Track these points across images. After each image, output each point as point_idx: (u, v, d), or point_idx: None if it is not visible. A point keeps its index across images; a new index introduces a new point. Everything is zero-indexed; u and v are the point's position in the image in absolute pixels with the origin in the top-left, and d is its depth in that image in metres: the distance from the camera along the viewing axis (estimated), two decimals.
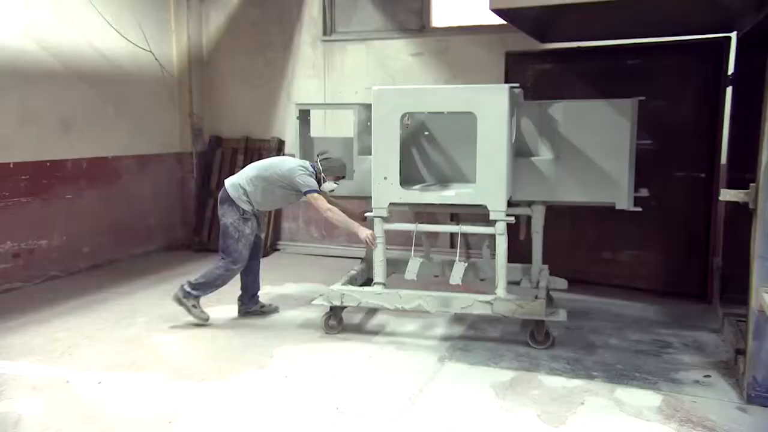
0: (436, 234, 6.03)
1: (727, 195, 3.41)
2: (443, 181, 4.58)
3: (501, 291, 4.04)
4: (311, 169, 4.48)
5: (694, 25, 4.50)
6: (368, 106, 4.35)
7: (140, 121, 6.81)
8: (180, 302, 4.55)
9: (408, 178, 4.36)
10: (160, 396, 3.46)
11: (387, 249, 4.33)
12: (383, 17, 6.73)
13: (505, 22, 4.51)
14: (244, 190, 4.49)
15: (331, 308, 4.40)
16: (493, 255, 4.20)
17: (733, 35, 4.63)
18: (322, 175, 4.48)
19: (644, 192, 4.31)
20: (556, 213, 5.37)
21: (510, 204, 4.07)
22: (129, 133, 6.68)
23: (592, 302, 5.09)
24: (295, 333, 4.46)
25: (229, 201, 4.50)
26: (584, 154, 4.19)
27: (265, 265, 6.54)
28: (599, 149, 4.15)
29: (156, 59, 6.91)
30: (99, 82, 6.26)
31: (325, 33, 6.92)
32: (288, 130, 7.20)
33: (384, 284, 4.31)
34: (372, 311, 4.79)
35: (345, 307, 4.40)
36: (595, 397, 3.41)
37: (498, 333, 4.43)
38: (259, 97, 7.27)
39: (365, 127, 4.71)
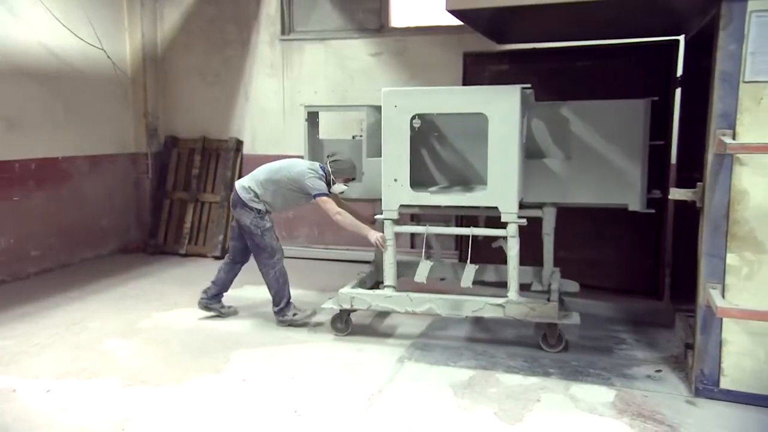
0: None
1: (676, 194, 3.50)
2: (453, 183, 4.57)
3: (513, 294, 4.01)
4: (321, 171, 4.45)
5: (644, 28, 4.62)
6: (379, 108, 4.31)
7: (92, 120, 6.64)
8: (284, 323, 4.59)
9: (417, 180, 4.28)
10: (112, 403, 3.38)
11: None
12: (342, 17, 6.71)
13: (462, 23, 4.57)
14: (255, 192, 4.47)
15: (340, 310, 4.36)
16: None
17: (681, 38, 4.77)
18: (332, 177, 4.44)
19: (657, 193, 4.33)
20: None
21: (520, 206, 4.02)
22: (80, 132, 6.50)
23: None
24: (254, 336, 4.41)
25: (241, 203, 4.49)
26: (596, 156, 4.16)
27: None
28: (612, 150, 4.12)
29: (108, 57, 6.75)
30: (48, 80, 6.08)
31: (283, 32, 6.87)
32: (246, 130, 7.12)
33: (394, 287, 4.27)
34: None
35: (354, 310, 4.36)
36: (551, 394, 3.47)
37: (457, 332, 4.47)
38: (216, 96, 7.17)
39: (375, 129, 4.68)
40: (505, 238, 4.02)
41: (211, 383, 3.63)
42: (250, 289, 5.62)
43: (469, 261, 4.19)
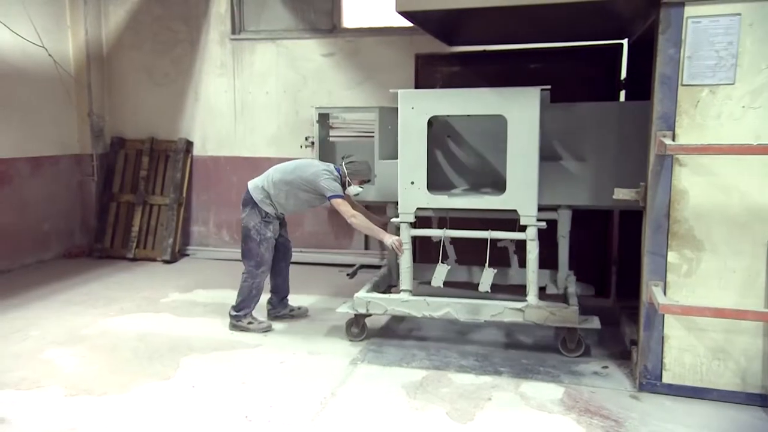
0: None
1: (620, 193, 3.60)
2: (470, 185, 4.57)
3: (532, 298, 3.98)
4: (336, 173, 4.37)
5: (591, 31, 4.74)
6: (393, 109, 4.27)
7: (33, 120, 6.42)
8: (237, 328, 4.53)
9: (432, 183, 4.20)
10: (53, 414, 3.27)
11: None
12: (293, 17, 6.67)
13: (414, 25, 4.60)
14: (268, 193, 4.39)
15: (355, 315, 4.31)
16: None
17: (625, 42, 4.92)
18: (348, 178, 4.37)
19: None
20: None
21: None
22: (21, 133, 6.28)
23: None
24: (206, 341, 4.34)
25: (252, 204, 4.41)
26: (612, 157, 4.14)
27: (174, 271, 6.41)
28: (627, 151, 4.08)
29: (50, 55, 6.54)
30: None
31: (233, 31, 6.78)
32: (196, 131, 7.01)
33: (411, 291, 4.23)
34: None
35: (369, 315, 4.30)
36: (502, 392, 3.52)
37: (410, 333, 4.49)
38: (165, 96, 7.03)
39: (387, 131, 4.63)
40: (512, 240, 4.01)
41: (159, 390, 3.55)
42: (201, 293, 5.54)
43: (487, 265, 4.12)
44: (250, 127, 6.86)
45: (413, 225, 4.19)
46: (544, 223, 3.96)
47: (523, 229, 4.00)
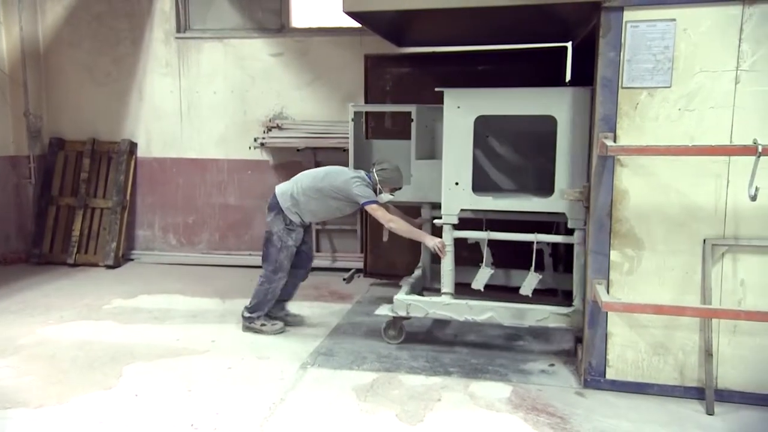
0: None
1: (565, 193, 3.71)
2: (507, 186, 4.54)
3: (579, 303, 3.91)
4: (367, 179, 4.27)
5: (536, 34, 4.85)
6: (430, 108, 4.15)
7: None
8: (249, 330, 4.52)
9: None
10: None
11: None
12: (241, 15, 6.60)
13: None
14: (296, 200, 4.28)
15: (393, 318, 4.24)
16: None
17: (569, 45, 5.05)
18: (378, 186, 4.25)
19: None
20: (417, 214, 5.57)
21: None
22: None
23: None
24: (149, 348, 4.24)
25: (277, 209, 4.32)
26: None
27: (117, 276, 6.25)
28: None
29: None
30: None
31: (178, 30, 6.66)
32: (140, 131, 6.85)
33: (452, 294, 4.15)
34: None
35: (408, 318, 4.23)
36: (451, 393, 3.56)
37: (361, 336, 4.50)
38: (107, 95, 6.84)
39: (423, 130, 4.55)
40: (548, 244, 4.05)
41: (100, 401, 3.45)
42: (145, 299, 5.42)
43: (533, 269, 4.03)
44: (197, 127, 6.75)
45: (455, 226, 4.10)
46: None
47: (569, 232, 3.98)
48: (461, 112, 3.97)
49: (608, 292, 3.43)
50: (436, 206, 4.44)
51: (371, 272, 5.93)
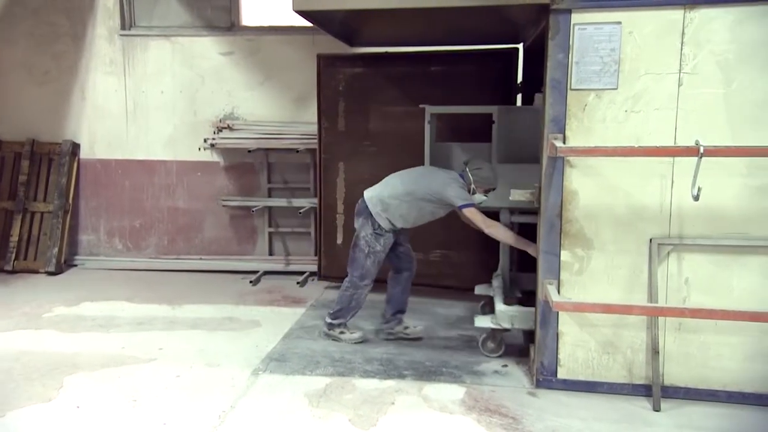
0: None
1: (515, 195, 3.77)
2: None
3: None
4: (461, 180, 4.12)
5: (487, 35, 4.93)
6: (512, 110, 3.98)
7: None
8: (328, 337, 4.43)
9: None
10: None
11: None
12: (189, 13, 6.49)
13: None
14: (386, 204, 4.13)
15: (492, 330, 4.11)
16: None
17: (521, 46, 5.14)
18: (472, 186, 4.09)
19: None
20: None
21: None
22: None
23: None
24: (92, 358, 4.12)
25: (366, 214, 4.19)
26: None
27: (59, 283, 6.06)
28: None
29: None
30: None
31: (123, 26, 6.50)
32: (83, 132, 6.66)
33: None
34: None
35: (508, 330, 4.07)
36: (405, 396, 3.58)
37: (315, 340, 4.48)
38: (46, 95, 6.63)
39: (505, 132, 4.43)
40: None
41: (39, 414, 3.34)
42: (89, 306, 5.27)
43: None
44: (144, 128, 6.60)
45: None
46: None
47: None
48: None
49: (559, 292, 3.50)
50: (514, 211, 4.42)
51: (325, 275, 5.91)
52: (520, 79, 5.17)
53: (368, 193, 4.29)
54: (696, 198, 3.06)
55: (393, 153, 5.46)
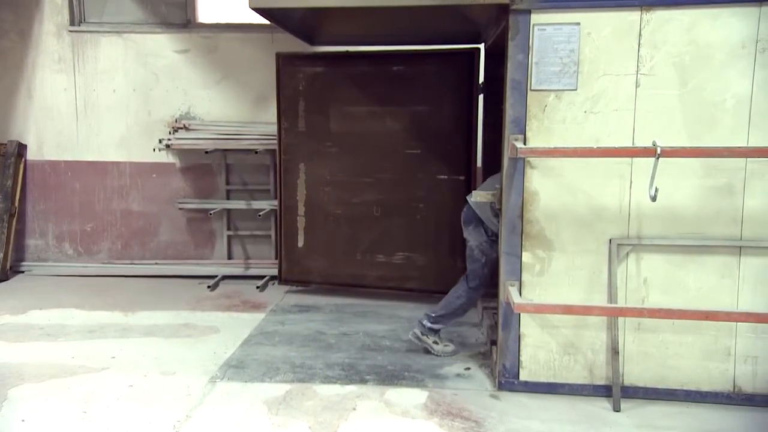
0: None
1: (477, 196, 3.82)
2: None
3: None
4: None
5: (448, 35, 4.97)
6: None
7: None
8: (419, 339, 4.27)
9: None
10: None
11: None
12: (142, 9, 6.39)
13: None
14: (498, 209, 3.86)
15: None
16: None
17: (482, 46, 5.21)
18: None
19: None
20: (332, 218, 5.59)
21: None
22: None
23: (368, 305, 5.36)
24: (40, 368, 4.02)
25: (476, 221, 4.00)
26: None
27: (4, 290, 5.90)
28: None
29: None
30: None
31: (72, 22, 6.36)
32: (30, 132, 6.49)
33: None
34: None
35: None
36: (367, 401, 3.59)
37: (275, 346, 4.45)
38: None
39: None
40: None
41: None
42: (36, 314, 5.14)
43: None
44: (95, 128, 6.47)
45: None
46: None
47: None
48: None
49: (521, 294, 3.56)
50: None
51: (286, 279, 5.88)
52: (482, 79, 5.22)
53: (473, 198, 3.97)
54: (653, 198, 3.14)
55: (355, 154, 5.48)
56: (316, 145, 5.60)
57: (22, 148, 6.47)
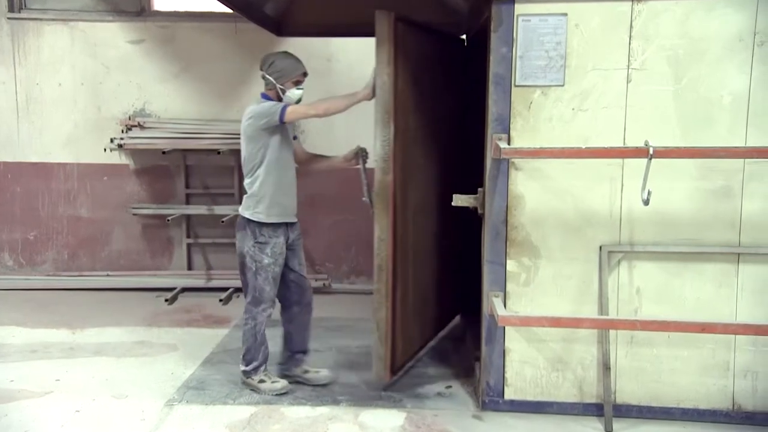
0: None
1: (458, 200, 3.83)
2: None
3: None
4: (262, 97, 3.87)
5: (432, 26, 5.00)
6: None
7: None
8: (247, 386, 4.05)
9: None
10: None
11: None
12: None
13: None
14: (253, 193, 3.86)
15: None
16: None
17: (465, 38, 5.24)
18: (278, 86, 3.82)
19: None
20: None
21: None
22: None
23: (342, 320, 5.39)
24: None
25: (243, 223, 3.93)
26: None
27: None
28: None
29: None
30: None
31: (11, 9, 6.29)
32: None
33: None
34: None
35: None
36: (340, 424, 3.59)
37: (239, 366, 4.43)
38: None
39: None
40: None
41: None
42: None
43: None
44: (38, 126, 6.40)
45: None
46: None
47: None
48: None
49: (505, 305, 3.58)
50: None
51: None
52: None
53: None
54: (646, 202, 3.18)
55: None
56: None
57: None
